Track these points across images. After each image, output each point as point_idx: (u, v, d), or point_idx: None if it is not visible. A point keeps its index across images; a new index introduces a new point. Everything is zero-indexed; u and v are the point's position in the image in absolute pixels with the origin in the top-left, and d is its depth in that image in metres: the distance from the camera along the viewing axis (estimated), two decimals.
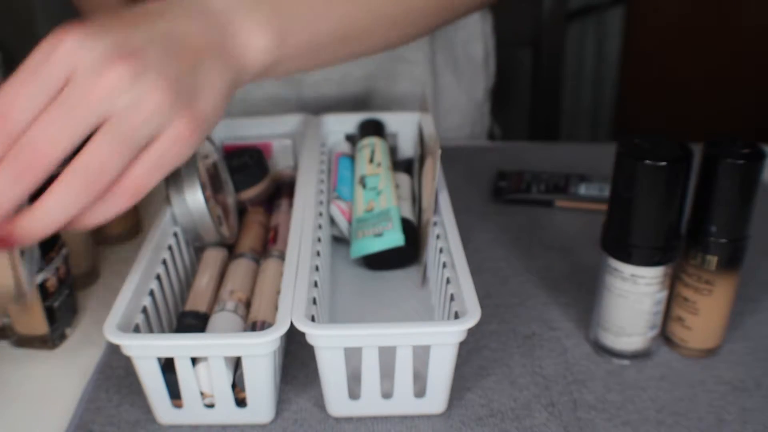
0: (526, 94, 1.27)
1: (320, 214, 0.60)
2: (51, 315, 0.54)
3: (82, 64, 0.38)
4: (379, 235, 0.59)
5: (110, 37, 0.39)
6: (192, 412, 0.47)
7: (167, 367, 0.46)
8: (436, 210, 0.57)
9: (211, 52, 0.44)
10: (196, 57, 0.43)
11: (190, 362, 0.45)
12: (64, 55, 0.38)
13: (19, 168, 0.37)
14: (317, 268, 0.53)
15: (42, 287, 0.52)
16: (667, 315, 0.54)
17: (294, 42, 0.49)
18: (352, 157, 0.69)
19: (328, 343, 0.44)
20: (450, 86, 0.92)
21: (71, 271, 0.57)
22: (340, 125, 0.73)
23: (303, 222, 0.54)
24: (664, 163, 0.46)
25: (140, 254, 0.51)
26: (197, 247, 0.60)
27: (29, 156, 0.37)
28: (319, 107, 0.85)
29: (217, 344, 0.44)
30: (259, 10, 0.47)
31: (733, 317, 0.54)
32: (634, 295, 0.50)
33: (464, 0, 0.62)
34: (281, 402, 0.50)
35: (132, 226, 0.69)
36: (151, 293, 0.51)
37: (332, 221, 0.64)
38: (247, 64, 0.47)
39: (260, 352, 0.44)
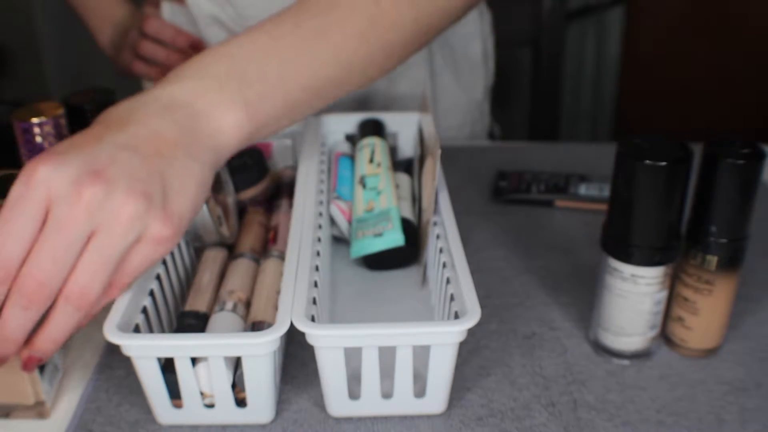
0: (526, 94, 1.27)
1: (320, 214, 0.59)
2: None
3: (56, 191, 0.40)
4: (379, 235, 0.59)
5: (77, 159, 0.41)
6: (192, 412, 0.47)
7: (167, 367, 0.46)
8: (436, 210, 0.57)
9: (183, 144, 0.45)
10: (166, 155, 0.44)
11: (190, 362, 0.45)
12: (38, 186, 0.40)
13: (25, 300, 0.40)
14: (317, 268, 0.53)
15: None
16: (667, 315, 0.54)
17: (269, 109, 0.50)
18: (352, 157, 0.69)
19: (328, 343, 0.44)
20: (449, 86, 0.92)
21: None
22: (340, 125, 0.73)
23: (303, 222, 0.54)
24: (664, 163, 0.46)
25: None
26: (197, 247, 0.60)
27: (32, 288, 0.40)
28: None
29: (217, 344, 0.44)
30: (227, 90, 0.48)
31: (733, 317, 0.54)
32: (634, 295, 0.50)
33: (440, 19, 0.57)
34: (281, 402, 0.50)
35: None
36: (151, 293, 0.51)
37: (332, 221, 0.64)
38: (223, 143, 0.48)
39: (260, 352, 0.44)
